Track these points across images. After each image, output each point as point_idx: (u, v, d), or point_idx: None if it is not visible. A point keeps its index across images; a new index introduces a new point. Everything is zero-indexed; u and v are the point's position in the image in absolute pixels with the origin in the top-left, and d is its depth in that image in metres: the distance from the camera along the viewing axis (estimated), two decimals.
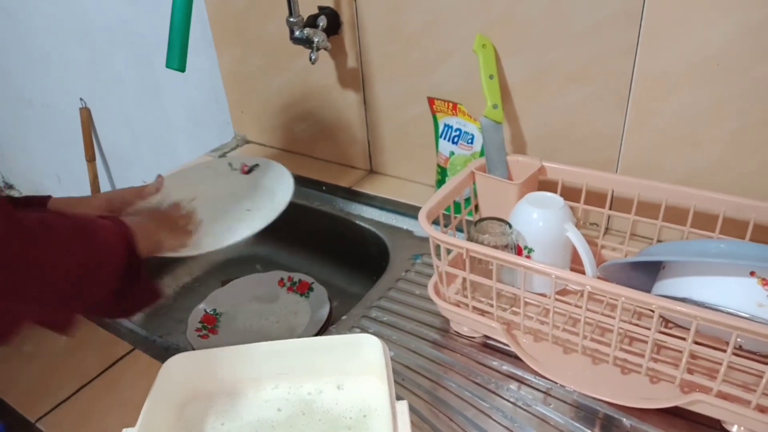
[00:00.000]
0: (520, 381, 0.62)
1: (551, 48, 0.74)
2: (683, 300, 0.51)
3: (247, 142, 1.18)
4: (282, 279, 0.92)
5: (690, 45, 0.65)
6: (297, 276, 0.92)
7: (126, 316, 0.66)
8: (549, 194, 0.68)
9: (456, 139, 0.85)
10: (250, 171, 0.86)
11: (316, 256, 1.01)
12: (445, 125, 0.86)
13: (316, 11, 0.90)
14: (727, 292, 0.49)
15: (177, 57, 0.61)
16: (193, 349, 0.76)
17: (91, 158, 1.62)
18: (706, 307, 0.50)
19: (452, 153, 0.85)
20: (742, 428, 0.53)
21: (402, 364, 0.65)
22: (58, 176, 1.92)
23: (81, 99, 1.56)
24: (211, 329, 0.84)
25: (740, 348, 0.58)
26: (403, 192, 0.96)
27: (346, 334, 0.69)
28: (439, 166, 0.88)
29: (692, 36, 0.65)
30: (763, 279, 0.48)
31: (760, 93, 0.64)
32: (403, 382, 0.62)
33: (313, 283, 0.90)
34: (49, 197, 0.70)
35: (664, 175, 0.73)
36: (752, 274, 0.48)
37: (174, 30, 0.61)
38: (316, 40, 0.85)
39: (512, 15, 0.74)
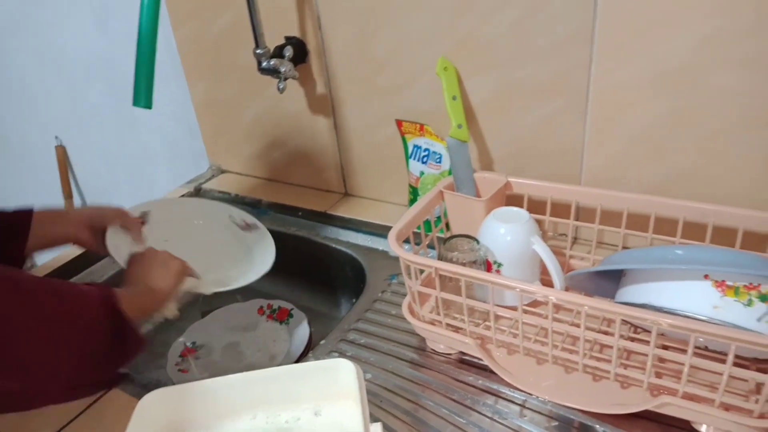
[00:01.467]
0: (496, 395, 0.63)
1: (511, 68, 0.76)
2: (643, 306, 0.53)
3: (223, 171, 1.19)
4: (261, 307, 0.92)
5: (644, 59, 0.68)
6: (276, 303, 0.92)
7: (108, 376, 0.62)
8: (515, 209, 0.70)
9: (425, 159, 0.86)
10: (249, 228, 0.88)
11: (296, 282, 1.01)
12: (414, 146, 0.88)
13: (283, 41, 0.92)
14: (683, 296, 0.51)
15: (143, 95, 0.62)
16: (174, 384, 0.76)
17: (68, 195, 1.62)
18: (665, 312, 0.51)
19: (422, 173, 0.87)
20: (711, 428, 0.54)
21: (380, 385, 0.66)
22: None
23: (56, 137, 1.57)
24: (191, 362, 0.84)
25: (705, 348, 0.59)
26: (378, 213, 0.97)
27: (324, 358, 0.70)
28: (410, 185, 0.90)
29: (646, 50, 0.67)
30: (716, 281, 0.50)
31: (716, 102, 0.66)
32: (381, 404, 0.63)
33: (292, 309, 0.90)
34: (32, 210, 0.70)
35: (628, 185, 0.75)
36: (706, 277, 0.50)
37: (139, 69, 0.62)
38: (283, 69, 0.87)
39: (473, 37, 0.77)
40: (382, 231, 0.92)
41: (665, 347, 0.61)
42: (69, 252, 0.94)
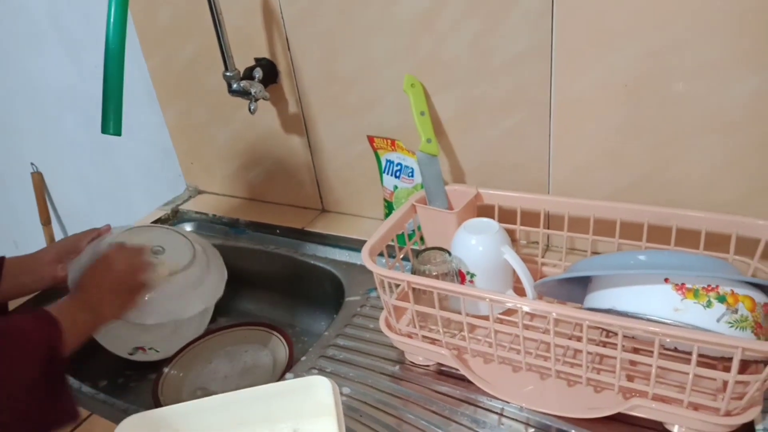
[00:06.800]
0: (475, 404, 0.63)
1: (474, 84, 0.78)
2: (608, 310, 0.54)
3: (200, 192, 1.20)
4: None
5: (602, 70, 0.70)
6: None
7: None
8: (485, 220, 0.71)
9: (398, 174, 0.88)
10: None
11: (276, 299, 1.01)
12: (387, 161, 0.89)
13: (253, 63, 0.93)
14: (646, 300, 0.52)
15: (111, 123, 0.63)
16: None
17: (46, 222, 1.61)
18: (630, 316, 0.53)
19: (396, 187, 0.88)
20: (682, 428, 0.56)
21: (360, 400, 0.66)
22: (15, 242, 1.89)
23: (32, 164, 1.56)
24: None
25: (675, 350, 0.61)
26: (355, 228, 0.98)
27: (304, 375, 0.70)
28: (385, 200, 0.91)
29: (603, 61, 0.69)
30: (677, 285, 0.51)
31: (668, 111, 0.68)
32: (361, 419, 0.64)
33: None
34: (3, 259, 0.70)
35: (593, 192, 0.77)
36: (666, 281, 0.52)
37: (106, 97, 0.63)
38: (253, 91, 0.88)
39: (436, 56, 0.79)
40: (359, 246, 0.92)
41: (636, 350, 0.63)
42: None
